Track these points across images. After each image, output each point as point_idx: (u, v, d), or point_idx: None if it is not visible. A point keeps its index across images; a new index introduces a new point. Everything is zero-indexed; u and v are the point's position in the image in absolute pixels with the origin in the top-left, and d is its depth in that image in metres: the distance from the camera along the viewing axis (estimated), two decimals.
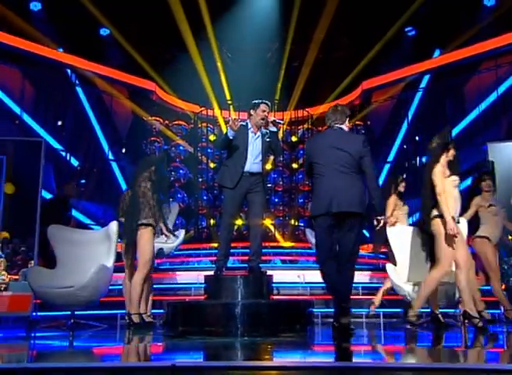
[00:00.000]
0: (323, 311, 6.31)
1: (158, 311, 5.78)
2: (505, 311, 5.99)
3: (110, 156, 11.84)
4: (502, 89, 10.43)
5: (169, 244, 6.89)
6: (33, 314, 6.18)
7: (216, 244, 7.41)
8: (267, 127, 5.09)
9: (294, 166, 12.52)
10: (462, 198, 4.87)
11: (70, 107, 11.42)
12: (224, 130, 11.19)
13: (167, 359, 3.37)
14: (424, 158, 11.31)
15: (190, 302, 5.99)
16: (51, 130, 10.65)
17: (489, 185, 5.94)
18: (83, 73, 11.27)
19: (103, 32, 11.44)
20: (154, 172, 5.24)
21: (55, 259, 5.84)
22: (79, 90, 11.47)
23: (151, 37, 11.55)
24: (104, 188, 11.60)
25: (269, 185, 11.50)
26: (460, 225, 4.75)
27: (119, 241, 5.76)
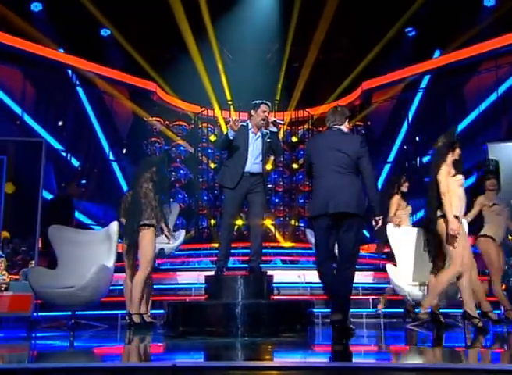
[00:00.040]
0: (323, 311, 6.30)
1: (159, 311, 5.78)
2: (505, 311, 5.99)
3: (111, 157, 11.84)
4: (502, 89, 10.43)
5: (170, 244, 6.89)
6: (34, 314, 6.18)
7: (217, 245, 7.42)
8: (267, 128, 5.10)
9: (294, 166, 12.52)
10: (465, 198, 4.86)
11: (71, 107, 11.43)
12: (224, 131, 11.18)
13: (168, 359, 3.38)
14: (425, 159, 11.37)
15: (190, 302, 6.00)
16: (51, 131, 10.65)
17: (494, 184, 5.92)
18: (83, 74, 11.27)
19: (104, 33, 11.45)
20: (155, 172, 5.25)
21: None
22: (79, 90, 11.47)
23: (152, 38, 11.56)
24: (105, 189, 11.60)
25: (270, 185, 11.51)
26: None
27: (119, 241, 5.77)
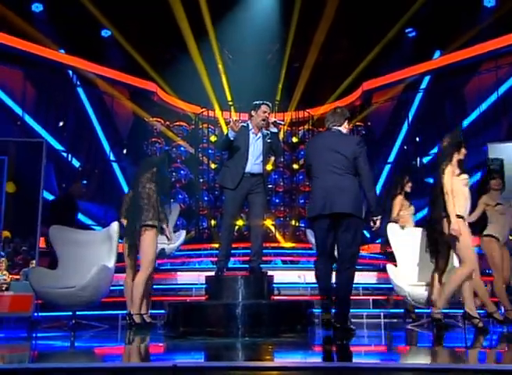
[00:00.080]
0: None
1: (159, 311, 5.79)
2: (505, 311, 5.99)
3: (111, 157, 11.85)
4: (502, 90, 10.44)
5: (171, 244, 6.90)
6: (35, 314, 6.18)
7: (217, 245, 7.42)
8: (268, 128, 5.11)
9: (295, 166, 12.52)
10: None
11: (71, 108, 11.43)
12: (225, 131, 11.20)
13: (168, 360, 3.39)
14: (425, 159, 11.37)
15: (191, 303, 6.00)
16: (52, 131, 10.65)
17: (499, 183, 5.90)
18: (84, 75, 11.28)
19: (104, 33, 11.46)
20: (156, 173, 5.26)
21: None
22: (80, 91, 11.47)
23: (152, 39, 11.57)
24: (106, 189, 11.62)
25: (270, 186, 11.51)
26: None
27: (119, 241, 5.78)
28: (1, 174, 6.50)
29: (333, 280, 4.36)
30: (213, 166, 12.27)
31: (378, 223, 4.34)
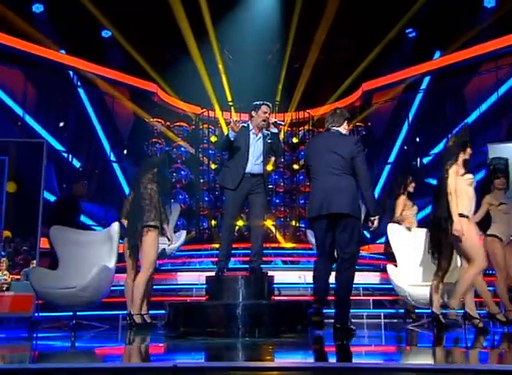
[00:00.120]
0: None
1: (160, 312, 5.79)
2: (505, 311, 5.99)
3: (112, 157, 11.85)
4: (502, 90, 10.43)
5: (171, 245, 6.90)
6: (35, 314, 6.19)
7: (217, 245, 7.42)
8: (268, 129, 5.11)
9: (295, 167, 12.52)
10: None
11: (72, 108, 11.43)
12: (225, 132, 11.21)
13: (168, 360, 3.39)
14: (425, 159, 11.37)
15: (191, 303, 6.00)
16: (53, 132, 10.65)
17: (503, 183, 5.87)
18: (84, 75, 11.29)
19: (105, 34, 11.46)
20: (157, 173, 5.26)
21: None
22: (81, 91, 11.47)
23: (153, 39, 11.57)
24: (106, 189, 11.62)
25: (270, 186, 11.52)
26: None
27: (120, 242, 5.78)
28: (2, 174, 6.51)
29: (332, 280, 4.37)
30: (213, 166, 12.27)
31: (375, 223, 4.34)
